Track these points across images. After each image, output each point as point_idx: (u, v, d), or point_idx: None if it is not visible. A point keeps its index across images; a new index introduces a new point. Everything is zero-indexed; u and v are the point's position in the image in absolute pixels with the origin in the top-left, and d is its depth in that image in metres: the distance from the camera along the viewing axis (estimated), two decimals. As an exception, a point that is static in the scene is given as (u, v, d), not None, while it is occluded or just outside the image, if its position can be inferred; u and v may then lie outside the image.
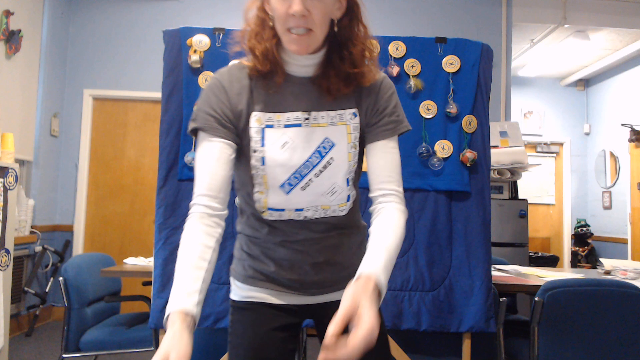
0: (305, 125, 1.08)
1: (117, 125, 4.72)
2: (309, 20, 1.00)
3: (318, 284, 1.17)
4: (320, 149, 1.08)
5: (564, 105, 6.79)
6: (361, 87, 1.12)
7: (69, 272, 2.42)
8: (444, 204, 2.16)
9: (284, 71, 1.09)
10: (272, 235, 1.15)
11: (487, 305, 2.11)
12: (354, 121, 1.11)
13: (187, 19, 4.57)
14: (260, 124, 1.07)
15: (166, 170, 2.12)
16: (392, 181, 1.10)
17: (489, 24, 4.75)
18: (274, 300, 1.18)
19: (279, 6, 1.00)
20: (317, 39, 1.03)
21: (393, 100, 1.14)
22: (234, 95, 1.09)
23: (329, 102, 1.09)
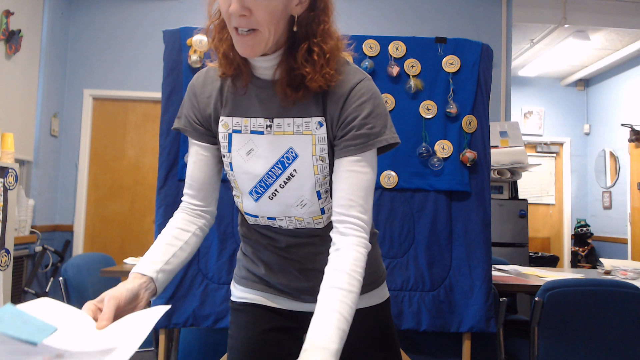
0: (267, 133, 1.00)
1: (117, 125, 4.72)
2: (252, 20, 0.89)
3: (310, 291, 1.10)
4: (283, 159, 1.00)
5: (564, 105, 6.79)
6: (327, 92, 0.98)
7: (69, 272, 2.42)
8: (444, 204, 2.16)
9: (249, 73, 1.01)
10: (259, 237, 1.13)
11: (487, 305, 2.11)
12: (319, 131, 0.99)
13: (187, 19, 4.56)
14: (227, 129, 1.03)
15: (166, 170, 2.12)
16: (354, 206, 0.95)
17: (489, 24, 4.75)
18: (268, 303, 1.15)
19: (222, 4, 0.91)
20: (263, 39, 0.91)
21: (365, 110, 0.96)
22: (204, 98, 1.05)
23: (293, 109, 0.99)
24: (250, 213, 1.10)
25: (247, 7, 0.87)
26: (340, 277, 0.90)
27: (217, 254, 2.11)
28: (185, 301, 2.08)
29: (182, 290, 2.08)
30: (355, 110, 0.97)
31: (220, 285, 2.10)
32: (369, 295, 1.14)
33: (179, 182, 2.13)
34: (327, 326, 0.84)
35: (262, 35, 0.91)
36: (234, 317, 1.18)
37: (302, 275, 1.11)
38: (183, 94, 2.13)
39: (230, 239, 2.12)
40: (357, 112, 0.96)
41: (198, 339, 2.29)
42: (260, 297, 1.16)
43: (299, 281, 1.12)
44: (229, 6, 0.88)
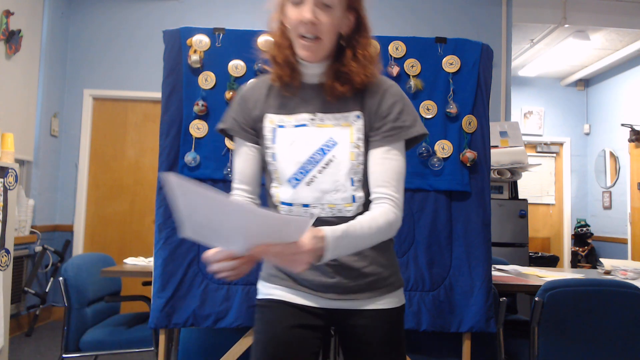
0: (311, 125, 1.18)
1: (117, 125, 4.72)
2: (318, 28, 1.10)
3: (336, 288, 1.18)
4: (323, 147, 1.16)
5: (564, 105, 6.79)
6: (364, 90, 1.18)
7: (69, 272, 2.42)
8: (444, 204, 2.16)
9: (300, 77, 1.20)
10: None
11: (487, 305, 2.11)
12: (357, 123, 1.17)
13: (187, 19, 4.57)
14: (273, 125, 1.20)
15: (166, 170, 2.12)
16: (388, 186, 1.14)
17: (489, 24, 4.75)
18: (294, 300, 1.21)
19: (293, 14, 1.12)
20: (324, 46, 1.13)
21: (398, 107, 1.17)
22: (252, 102, 1.23)
23: (335, 105, 1.18)
24: (285, 202, 1.20)
25: (316, 16, 1.09)
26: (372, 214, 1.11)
27: (217, 254, 2.10)
28: (185, 301, 2.08)
29: (182, 290, 2.08)
30: (391, 107, 1.17)
31: (220, 286, 2.10)
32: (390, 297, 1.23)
33: (179, 182, 2.12)
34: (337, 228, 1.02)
35: (323, 43, 1.13)
36: (260, 314, 1.23)
37: (329, 269, 1.17)
38: (183, 94, 2.14)
39: (230, 239, 2.12)
40: (392, 108, 1.17)
41: (198, 339, 2.29)
42: (286, 293, 1.21)
43: (325, 276, 1.18)
44: (301, 15, 1.09)
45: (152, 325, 2.07)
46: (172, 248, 2.09)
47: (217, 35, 2.18)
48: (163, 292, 2.07)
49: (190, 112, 2.14)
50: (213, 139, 2.14)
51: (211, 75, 2.16)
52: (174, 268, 2.09)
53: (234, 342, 2.12)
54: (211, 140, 2.14)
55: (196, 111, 2.13)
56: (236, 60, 2.17)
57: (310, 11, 1.09)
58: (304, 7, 1.10)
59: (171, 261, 2.09)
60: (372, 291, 1.20)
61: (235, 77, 2.16)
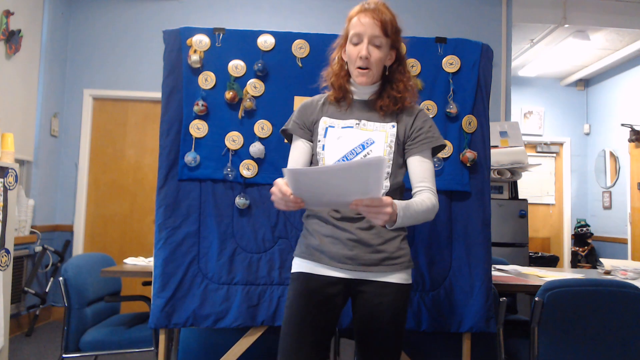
0: (356, 128, 1.57)
1: (117, 125, 4.72)
2: (370, 62, 1.53)
3: (352, 259, 1.50)
4: (363, 143, 1.54)
5: (564, 105, 6.79)
6: (402, 109, 1.60)
7: (69, 272, 2.42)
8: (444, 204, 2.16)
9: (351, 97, 1.62)
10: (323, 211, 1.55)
11: (487, 305, 2.11)
12: (392, 130, 1.57)
13: (187, 19, 4.57)
14: (325, 124, 1.60)
15: (166, 170, 2.12)
16: (427, 181, 1.54)
17: (489, 24, 4.75)
18: (318, 271, 1.53)
19: (353, 51, 1.54)
20: (373, 75, 1.56)
21: (428, 124, 1.60)
22: (310, 110, 1.66)
23: (376, 117, 1.59)
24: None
25: (370, 53, 1.52)
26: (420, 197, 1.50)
27: (217, 254, 2.11)
28: (185, 301, 2.08)
29: (182, 290, 2.08)
30: (423, 123, 1.60)
31: (220, 285, 2.10)
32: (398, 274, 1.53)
33: (179, 182, 2.13)
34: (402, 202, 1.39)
35: (372, 73, 1.55)
36: (292, 285, 1.56)
37: (350, 243, 1.51)
38: (183, 94, 2.15)
39: (230, 239, 2.12)
40: (424, 124, 1.60)
41: (198, 339, 2.29)
42: (313, 266, 1.54)
43: (346, 249, 1.51)
44: (359, 52, 1.52)
45: (152, 325, 2.07)
46: (172, 248, 2.09)
47: (217, 35, 2.18)
48: (163, 292, 2.07)
49: (190, 112, 2.14)
50: (213, 139, 2.14)
51: (211, 75, 2.16)
52: (174, 268, 2.09)
53: (234, 342, 2.13)
54: (211, 140, 2.14)
55: (196, 111, 2.13)
56: (236, 60, 2.17)
57: (366, 49, 1.51)
58: (361, 45, 1.52)
59: (171, 261, 2.09)
60: (383, 266, 1.51)
61: (235, 77, 2.16)
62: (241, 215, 2.13)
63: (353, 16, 1.55)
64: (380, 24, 1.51)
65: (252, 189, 2.14)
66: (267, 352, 2.27)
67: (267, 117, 2.16)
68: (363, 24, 1.51)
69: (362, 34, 1.51)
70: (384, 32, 1.52)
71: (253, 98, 2.16)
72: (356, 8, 1.55)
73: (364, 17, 1.51)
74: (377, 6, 1.53)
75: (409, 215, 1.40)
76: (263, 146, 2.13)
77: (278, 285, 2.11)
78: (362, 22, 1.51)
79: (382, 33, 1.51)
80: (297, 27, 3.00)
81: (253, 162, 2.14)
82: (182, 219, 2.11)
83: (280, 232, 2.14)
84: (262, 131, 2.15)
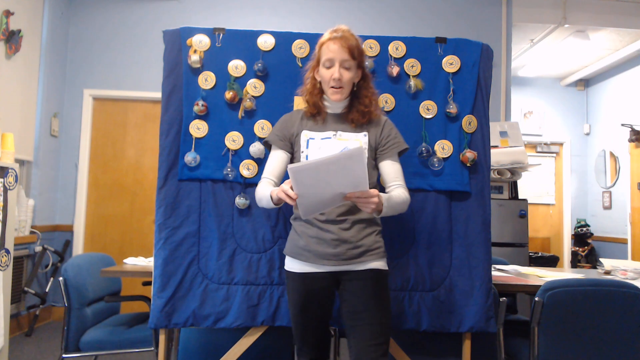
0: (333, 139, 1.81)
1: (117, 125, 4.72)
2: (342, 82, 1.78)
3: (336, 255, 1.74)
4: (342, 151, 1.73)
5: (564, 105, 6.79)
6: (370, 121, 1.85)
7: (69, 272, 2.42)
8: (444, 204, 2.16)
9: (325, 112, 1.86)
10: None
11: (487, 305, 2.11)
12: (364, 139, 1.83)
13: (187, 19, 4.57)
14: (307, 137, 1.83)
15: (166, 170, 2.12)
16: (398, 179, 1.83)
17: (489, 24, 4.75)
18: (307, 269, 1.76)
19: (326, 74, 1.79)
20: (345, 92, 1.82)
21: (394, 131, 1.88)
22: (290, 123, 1.88)
23: (349, 128, 1.83)
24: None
25: (341, 75, 1.77)
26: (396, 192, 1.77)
27: (217, 254, 2.11)
28: (185, 301, 2.08)
29: (182, 290, 2.08)
30: (389, 131, 1.86)
31: (220, 285, 2.10)
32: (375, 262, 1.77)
33: (179, 182, 2.13)
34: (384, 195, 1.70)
35: (344, 90, 1.81)
36: (288, 282, 1.83)
37: (333, 243, 1.74)
38: (183, 94, 2.15)
39: (230, 239, 2.12)
40: (390, 132, 1.86)
41: (198, 339, 2.29)
42: (302, 265, 1.77)
43: (330, 248, 1.74)
44: (332, 75, 1.77)
45: (152, 325, 2.07)
46: (172, 248, 2.09)
47: (217, 35, 2.18)
48: (163, 292, 2.07)
49: (190, 112, 2.14)
50: (213, 139, 2.14)
51: (211, 75, 2.16)
52: (174, 268, 2.09)
53: (234, 342, 2.13)
54: (211, 140, 2.14)
55: (196, 111, 2.13)
56: (236, 60, 2.17)
57: (338, 71, 1.76)
58: (334, 69, 1.77)
59: (171, 261, 2.09)
60: (362, 257, 1.75)
61: (235, 77, 2.16)
62: (241, 215, 2.13)
63: (324, 43, 1.79)
64: (348, 50, 1.76)
65: (252, 189, 2.14)
66: (267, 352, 2.27)
67: (267, 117, 2.16)
68: (333, 50, 1.76)
69: (333, 59, 1.77)
70: (351, 56, 1.77)
71: (253, 98, 2.16)
72: (326, 36, 1.80)
73: (334, 45, 1.77)
74: (344, 34, 1.77)
75: (391, 205, 1.70)
76: (263, 146, 2.13)
77: (278, 285, 2.11)
78: (332, 49, 1.77)
79: (350, 57, 1.76)
80: (297, 27, 3.00)
81: (253, 162, 2.14)
82: (182, 219, 2.11)
83: (280, 232, 2.14)
84: (262, 131, 2.15)
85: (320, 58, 1.80)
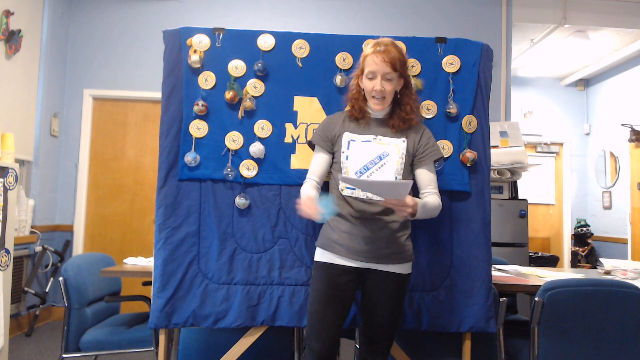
0: (373, 142, 1.89)
1: (117, 125, 4.72)
2: (384, 93, 1.87)
3: (366, 253, 1.83)
4: (381, 154, 1.88)
5: (564, 105, 6.79)
6: (410, 127, 1.93)
7: (69, 272, 2.42)
8: (444, 204, 2.15)
9: (369, 116, 1.94)
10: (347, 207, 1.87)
11: (487, 305, 2.11)
12: (403, 145, 1.90)
13: (187, 19, 4.57)
14: (348, 138, 1.91)
15: (166, 170, 2.12)
16: (432, 186, 1.93)
17: (489, 24, 4.75)
18: (338, 261, 1.85)
19: (369, 85, 1.88)
20: (387, 102, 1.90)
21: (432, 140, 1.96)
22: (332, 125, 1.97)
23: (389, 133, 1.91)
24: (350, 187, 1.87)
25: (383, 87, 1.85)
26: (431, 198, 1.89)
27: (217, 254, 2.11)
28: (185, 301, 2.08)
29: (182, 290, 2.08)
30: (428, 139, 1.95)
31: (220, 285, 2.10)
32: (398, 266, 1.86)
33: (179, 182, 2.13)
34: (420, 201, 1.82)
35: (387, 100, 1.90)
36: (315, 272, 1.90)
37: (365, 240, 1.83)
38: (183, 94, 2.15)
39: (230, 239, 2.12)
40: (429, 140, 1.95)
41: (198, 339, 2.29)
42: (333, 257, 1.85)
43: (362, 245, 1.83)
44: (374, 87, 1.86)
45: (152, 325, 2.07)
46: (172, 248, 2.09)
47: (217, 35, 2.18)
48: (163, 292, 2.07)
49: (190, 112, 2.14)
50: (213, 139, 2.14)
51: (211, 75, 2.16)
52: (174, 268, 2.09)
53: (234, 342, 2.13)
54: (211, 140, 2.14)
55: (196, 111, 2.13)
56: (236, 60, 2.17)
57: (380, 84, 1.84)
58: (376, 81, 1.85)
59: (171, 261, 2.09)
60: (390, 258, 1.83)
61: (235, 77, 2.16)
62: (241, 215, 2.13)
63: (367, 55, 1.87)
64: (390, 63, 1.83)
65: (252, 189, 2.14)
66: (267, 352, 2.28)
67: (267, 117, 2.16)
68: (376, 63, 1.84)
69: (376, 72, 1.85)
70: (393, 68, 1.84)
71: (253, 98, 2.16)
72: (370, 48, 1.88)
73: (377, 58, 1.84)
74: (387, 47, 1.85)
75: (425, 211, 1.82)
76: (263, 146, 2.13)
77: (278, 285, 2.11)
78: (375, 62, 1.84)
79: (392, 69, 1.84)
80: (297, 27, 3.00)
81: (253, 162, 2.14)
82: (182, 219, 2.11)
83: (280, 232, 2.14)
84: (262, 131, 2.15)
85: (364, 69, 1.89)
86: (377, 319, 1.87)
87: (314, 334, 1.84)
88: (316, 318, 1.85)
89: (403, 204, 1.70)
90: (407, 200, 1.70)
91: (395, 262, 1.84)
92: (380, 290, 1.85)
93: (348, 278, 1.84)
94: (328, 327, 1.84)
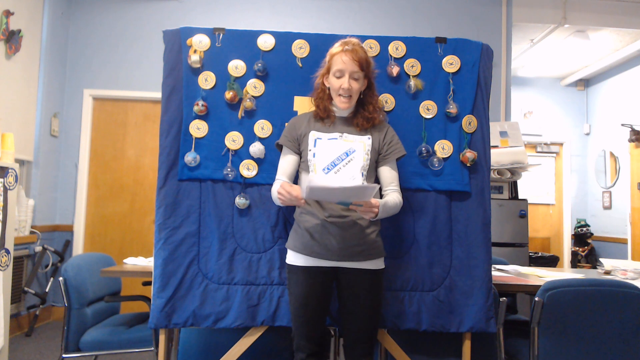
0: (339, 140, 1.93)
1: (117, 125, 4.72)
2: (351, 91, 1.91)
3: (338, 251, 1.86)
4: (347, 151, 1.91)
5: (564, 105, 6.79)
6: (374, 126, 1.98)
7: (69, 272, 2.42)
8: (444, 204, 2.16)
9: (334, 115, 1.98)
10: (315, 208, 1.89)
11: (487, 305, 2.11)
12: (368, 142, 1.94)
13: (187, 19, 4.57)
14: (314, 137, 1.94)
15: (166, 170, 2.12)
16: (394, 184, 1.98)
17: (489, 24, 4.75)
18: (311, 263, 1.88)
19: (336, 84, 1.91)
20: (353, 100, 1.95)
21: (395, 138, 2.00)
22: (298, 125, 2.00)
23: (354, 131, 1.96)
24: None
25: (351, 86, 1.89)
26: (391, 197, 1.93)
27: (217, 254, 2.11)
28: (185, 301, 2.08)
29: (182, 290, 2.08)
30: (392, 137, 2.00)
31: (220, 285, 2.10)
32: (370, 262, 1.90)
33: (179, 182, 2.13)
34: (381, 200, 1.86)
35: (353, 99, 1.94)
36: (290, 275, 1.94)
37: (336, 239, 1.86)
38: (183, 94, 2.15)
39: (230, 239, 2.12)
40: (392, 138, 2.00)
41: (198, 339, 2.29)
42: (305, 259, 1.89)
43: (333, 244, 1.86)
44: (341, 85, 1.89)
45: (152, 325, 2.07)
46: (172, 248, 2.09)
47: (217, 35, 2.18)
48: (163, 292, 2.07)
49: (190, 112, 2.14)
50: (213, 139, 2.14)
51: (211, 75, 2.16)
52: (174, 268, 2.09)
53: (234, 342, 2.13)
54: (211, 140, 2.14)
55: (196, 111, 2.13)
56: (236, 60, 2.17)
57: (347, 82, 1.88)
58: (343, 79, 1.89)
59: (171, 261, 2.09)
60: (360, 255, 1.88)
61: (235, 77, 2.16)
62: (241, 215, 2.13)
63: (335, 54, 1.91)
64: (358, 62, 1.88)
65: (252, 189, 2.14)
66: (267, 352, 2.27)
67: (267, 117, 2.16)
68: (344, 62, 1.88)
69: (344, 70, 1.88)
70: (360, 68, 1.89)
71: (253, 98, 2.17)
72: (338, 47, 1.91)
73: (345, 56, 1.88)
74: (354, 47, 1.90)
75: (386, 210, 1.87)
76: (263, 146, 2.13)
77: (278, 285, 2.11)
78: (344, 61, 1.88)
79: (360, 69, 1.89)
80: (297, 27, 3.00)
81: (253, 162, 2.14)
82: (182, 219, 2.11)
83: (280, 232, 2.14)
84: (262, 131, 2.15)
85: (331, 67, 1.91)
86: (357, 319, 1.90)
87: (303, 336, 1.91)
88: (302, 322, 1.90)
89: (370, 205, 1.76)
90: (372, 201, 1.77)
91: (367, 258, 1.88)
92: (356, 288, 1.89)
93: (323, 279, 1.89)
94: (314, 326, 1.91)
